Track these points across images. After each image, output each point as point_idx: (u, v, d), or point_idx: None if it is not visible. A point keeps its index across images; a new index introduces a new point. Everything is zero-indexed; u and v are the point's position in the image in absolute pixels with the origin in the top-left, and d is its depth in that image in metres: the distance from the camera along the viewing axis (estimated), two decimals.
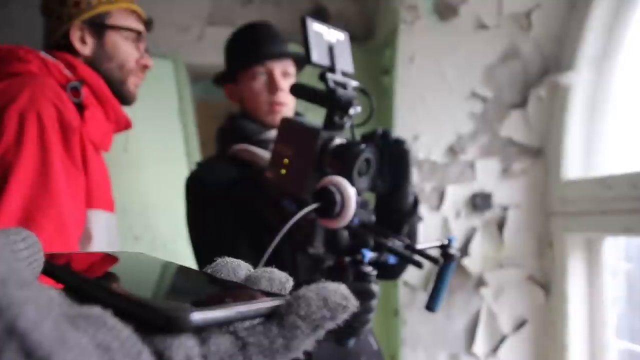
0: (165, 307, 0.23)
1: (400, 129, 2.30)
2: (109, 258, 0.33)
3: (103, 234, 1.10)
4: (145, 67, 1.26)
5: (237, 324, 0.24)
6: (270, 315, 0.25)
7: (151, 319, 0.22)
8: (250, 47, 1.28)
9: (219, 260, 0.31)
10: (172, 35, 2.38)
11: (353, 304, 0.26)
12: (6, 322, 0.17)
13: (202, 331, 0.23)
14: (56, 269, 0.27)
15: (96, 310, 0.21)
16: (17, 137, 0.93)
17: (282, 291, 0.29)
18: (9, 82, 1.01)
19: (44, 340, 0.17)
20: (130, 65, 1.22)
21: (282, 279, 0.29)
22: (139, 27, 1.24)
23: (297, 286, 0.28)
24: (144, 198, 2.11)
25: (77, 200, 1.01)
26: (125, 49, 1.21)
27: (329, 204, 0.77)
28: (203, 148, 2.47)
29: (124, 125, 1.25)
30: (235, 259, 0.31)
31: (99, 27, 1.18)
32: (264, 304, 0.25)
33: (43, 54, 1.11)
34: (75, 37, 1.17)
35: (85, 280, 0.26)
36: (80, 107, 1.09)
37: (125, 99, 1.25)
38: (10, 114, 0.94)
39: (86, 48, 1.18)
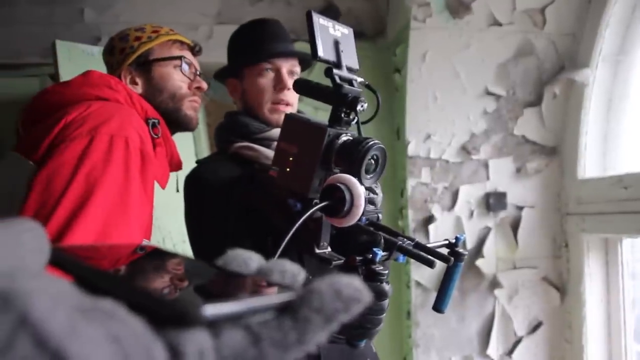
0: (178, 301, 0.23)
1: (412, 128, 2.27)
2: (121, 250, 0.33)
3: None
4: (199, 89, 1.28)
5: (250, 318, 0.24)
6: (283, 309, 0.25)
7: (164, 312, 0.22)
8: (259, 43, 1.26)
9: (230, 252, 0.31)
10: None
11: (367, 296, 0.25)
12: (18, 312, 0.17)
13: (214, 325, 0.23)
14: (66, 260, 0.26)
15: (108, 302, 0.21)
16: (106, 157, 0.98)
17: (294, 284, 0.28)
18: (102, 104, 1.07)
19: (56, 331, 0.18)
20: (182, 92, 1.24)
21: (294, 272, 0.29)
22: (183, 52, 1.27)
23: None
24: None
25: (141, 227, 1.05)
26: (174, 77, 1.24)
27: (338, 202, 0.75)
28: (212, 148, 2.46)
29: (176, 166, 1.28)
30: (246, 251, 0.31)
31: (144, 65, 1.23)
32: (277, 298, 0.25)
33: (129, 88, 1.18)
34: (126, 80, 1.22)
35: (97, 272, 0.26)
36: (153, 143, 1.14)
37: (187, 125, 1.27)
38: (102, 134, 1.00)
39: (138, 88, 1.23)
